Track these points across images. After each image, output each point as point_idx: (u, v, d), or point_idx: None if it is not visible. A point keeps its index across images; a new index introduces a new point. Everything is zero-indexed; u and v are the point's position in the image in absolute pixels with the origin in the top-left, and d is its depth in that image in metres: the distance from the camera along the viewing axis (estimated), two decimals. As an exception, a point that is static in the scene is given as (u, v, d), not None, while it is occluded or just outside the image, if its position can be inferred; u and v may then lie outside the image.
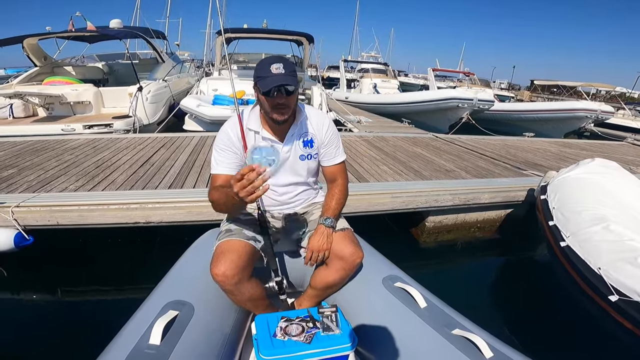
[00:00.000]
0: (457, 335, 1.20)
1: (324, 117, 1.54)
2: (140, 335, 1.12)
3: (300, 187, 1.56)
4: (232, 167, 1.40)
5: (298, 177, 1.52)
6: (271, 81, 1.24)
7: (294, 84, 1.26)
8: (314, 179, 1.61)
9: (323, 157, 1.52)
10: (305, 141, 1.46)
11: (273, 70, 1.24)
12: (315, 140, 1.48)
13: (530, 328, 2.27)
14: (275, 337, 1.26)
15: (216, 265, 1.28)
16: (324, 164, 1.54)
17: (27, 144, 4.13)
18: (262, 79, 1.26)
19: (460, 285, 2.70)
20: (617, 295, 1.68)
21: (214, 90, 6.67)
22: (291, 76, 1.26)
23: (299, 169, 1.50)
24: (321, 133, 1.48)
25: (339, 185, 1.56)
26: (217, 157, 1.42)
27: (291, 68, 1.28)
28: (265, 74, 1.25)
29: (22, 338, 2.03)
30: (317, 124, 1.48)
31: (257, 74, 1.29)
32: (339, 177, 1.56)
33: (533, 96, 21.40)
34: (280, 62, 1.25)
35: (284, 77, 1.24)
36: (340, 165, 1.55)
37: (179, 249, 1.70)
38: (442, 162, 4.17)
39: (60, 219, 2.40)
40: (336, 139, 1.52)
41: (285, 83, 1.24)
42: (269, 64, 1.25)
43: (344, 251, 1.43)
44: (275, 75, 1.24)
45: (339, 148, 1.53)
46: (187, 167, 3.47)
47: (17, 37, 6.17)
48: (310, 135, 1.47)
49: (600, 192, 2.42)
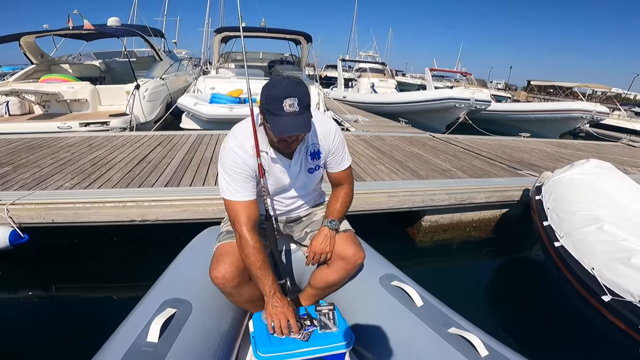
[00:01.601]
0: (453, 334, 1.21)
1: (329, 123, 1.45)
2: (138, 333, 1.13)
3: (307, 197, 1.55)
4: (252, 190, 1.32)
5: (306, 189, 1.51)
6: (284, 126, 1.12)
7: (307, 130, 1.15)
8: (319, 185, 1.60)
9: (330, 164, 1.47)
10: (312, 153, 1.40)
11: (286, 107, 1.10)
12: (322, 150, 1.42)
13: (525, 327, 2.29)
14: (272, 335, 1.27)
15: (215, 268, 1.28)
16: (330, 171, 1.50)
17: (22, 142, 4.11)
18: (272, 115, 1.12)
19: (456, 285, 2.71)
20: (610, 295, 1.70)
21: (211, 89, 6.65)
22: (305, 115, 1.13)
23: (309, 182, 1.48)
24: (328, 142, 1.41)
25: (344, 189, 1.53)
26: (233, 184, 1.30)
27: (306, 101, 1.13)
28: (277, 111, 1.11)
29: (18, 336, 2.02)
30: (323, 133, 1.40)
31: (267, 105, 1.13)
32: (345, 181, 1.53)
33: (529, 96, 21.52)
34: (294, 97, 1.10)
35: (298, 120, 1.12)
36: (347, 170, 1.51)
37: (175, 247, 1.69)
38: (438, 162, 4.19)
39: (56, 217, 2.39)
40: (342, 145, 1.46)
41: (299, 132, 1.15)
42: (282, 98, 1.10)
43: (346, 252, 1.43)
44: (288, 116, 1.10)
45: (345, 153, 1.48)
46: (183, 166, 3.46)
47: (14, 35, 6.12)
48: (317, 146, 1.40)
49: (594, 192, 2.44)
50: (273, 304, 1.26)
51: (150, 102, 5.97)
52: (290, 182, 1.42)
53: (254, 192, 1.33)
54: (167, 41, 9.77)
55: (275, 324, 1.24)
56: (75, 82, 6.05)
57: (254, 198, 1.33)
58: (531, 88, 19.77)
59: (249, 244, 1.26)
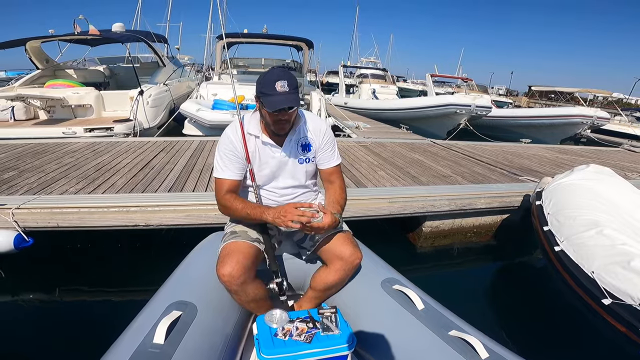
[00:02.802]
0: (454, 337, 1.23)
1: (321, 122, 1.60)
2: (144, 335, 1.15)
3: (299, 190, 1.59)
4: (237, 172, 1.47)
5: (297, 180, 1.56)
6: (276, 102, 1.29)
7: (296, 104, 1.32)
8: (312, 181, 1.65)
9: (320, 160, 1.57)
10: (303, 145, 1.51)
11: (278, 88, 1.28)
12: (313, 144, 1.53)
13: (525, 330, 2.30)
14: (276, 337, 1.29)
15: (223, 266, 1.32)
16: (320, 167, 1.59)
17: (28, 147, 4.16)
18: (266, 96, 1.30)
19: (457, 289, 2.72)
20: (610, 298, 1.71)
21: (213, 95, 6.72)
22: (295, 94, 1.31)
23: (298, 172, 1.54)
24: (319, 137, 1.53)
25: (336, 186, 1.60)
26: (220, 162, 1.47)
27: (294, 84, 1.32)
28: (270, 92, 1.29)
29: (23, 340, 2.04)
30: (315, 129, 1.53)
31: (262, 89, 1.32)
32: (335, 178, 1.60)
33: (531, 102, 21.57)
34: (284, 79, 1.29)
35: (288, 97, 1.29)
36: (336, 167, 1.60)
37: (178, 252, 1.72)
38: (439, 168, 4.21)
39: (61, 221, 2.41)
40: (332, 143, 1.58)
41: (289, 105, 1.30)
42: (273, 81, 1.28)
43: (344, 252, 1.47)
44: (280, 95, 1.28)
45: (334, 152, 1.59)
46: (186, 171, 3.50)
47: (19, 40, 6.20)
48: (309, 139, 1.52)
49: (594, 197, 2.46)
50: (273, 212, 1.36)
51: (153, 107, 6.03)
52: (278, 168, 1.51)
53: (239, 174, 1.47)
54: (170, 47, 9.87)
55: (289, 218, 1.31)
56: (80, 88, 6.12)
57: (239, 179, 1.49)
58: (532, 93, 19.83)
59: (227, 199, 1.44)
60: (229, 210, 1.46)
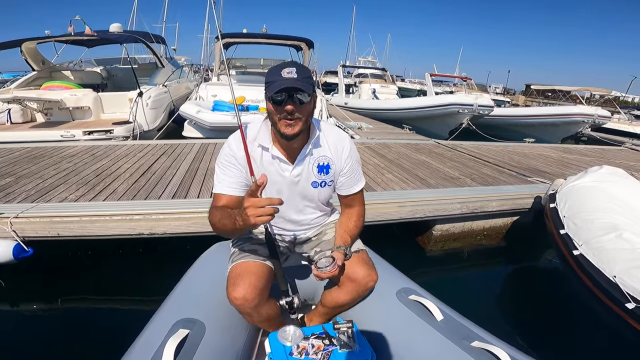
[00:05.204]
0: (477, 348, 1.17)
1: (344, 138, 1.35)
2: (151, 355, 1.08)
3: (310, 213, 1.43)
4: (235, 186, 1.27)
5: (308, 203, 1.39)
6: (280, 84, 1.09)
7: (307, 90, 1.12)
8: (326, 204, 1.46)
9: (340, 185, 1.36)
10: (320, 166, 1.30)
11: (284, 74, 1.10)
12: (333, 166, 1.31)
13: (544, 335, 2.24)
14: (291, 356, 1.21)
15: (235, 289, 1.22)
16: (340, 193, 1.39)
17: (24, 151, 4.07)
18: (270, 83, 1.12)
19: (470, 294, 2.66)
20: (633, 302, 1.68)
21: (213, 96, 6.61)
22: (305, 82, 1.11)
23: (310, 196, 1.36)
24: (340, 159, 1.31)
25: (353, 212, 1.43)
26: (219, 175, 1.29)
27: (306, 74, 1.14)
28: (275, 79, 1.11)
29: (23, 352, 1.97)
30: (336, 146, 1.31)
31: (267, 79, 1.15)
32: (356, 204, 1.43)
33: (528, 100, 21.57)
34: (293, 67, 1.12)
35: (296, 82, 1.10)
36: (359, 193, 1.40)
37: (182, 260, 1.65)
38: (447, 170, 4.14)
39: (61, 230, 2.33)
40: (357, 165, 1.36)
41: (296, 87, 1.09)
42: (280, 69, 1.12)
43: (357, 273, 1.35)
44: (285, 79, 1.10)
45: (359, 175, 1.37)
46: (189, 176, 3.41)
47: (15, 41, 6.08)
48: (327, 159, 1.30)
49: (610, 200, 2.41)
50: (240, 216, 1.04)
51: (153, 109, 5.93)
52: (286, 188, 1.30)
53: (238, 189, 1.26)
54: (167, 48, 9.78)
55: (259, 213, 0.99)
56: (78, 90, 6.02)
57: (238, 195, 1.26)
58: (530, 92, 19.83)
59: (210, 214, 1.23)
60: (215, 228, 1.21)
